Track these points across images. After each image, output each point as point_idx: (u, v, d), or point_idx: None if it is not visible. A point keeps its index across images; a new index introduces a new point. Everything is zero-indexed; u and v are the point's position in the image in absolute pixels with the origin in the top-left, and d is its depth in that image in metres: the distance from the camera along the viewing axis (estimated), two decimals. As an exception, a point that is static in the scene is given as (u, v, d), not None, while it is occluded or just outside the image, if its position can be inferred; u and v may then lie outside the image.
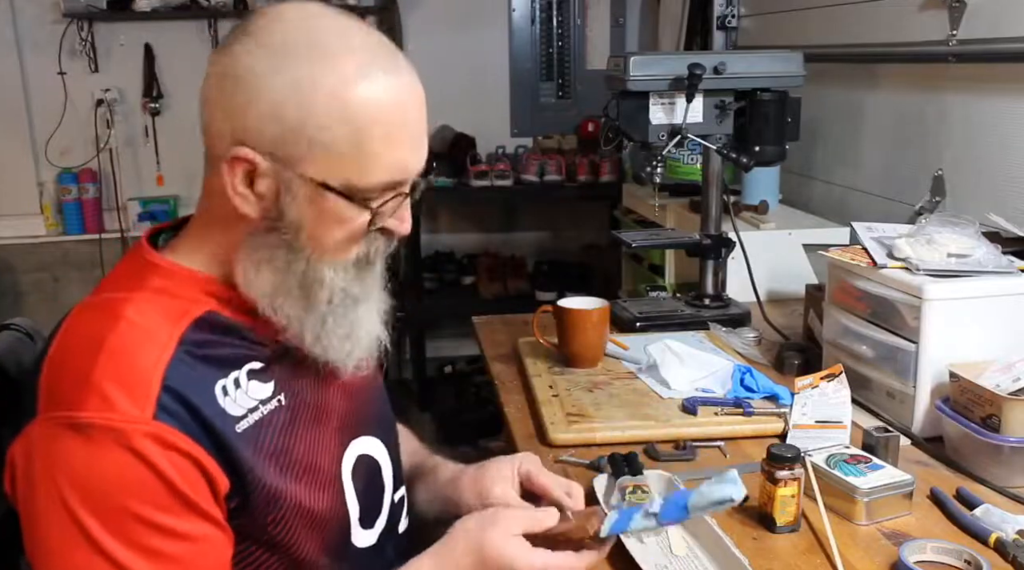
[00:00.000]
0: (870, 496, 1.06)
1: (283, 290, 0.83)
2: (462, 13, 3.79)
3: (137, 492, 0.73)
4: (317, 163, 0.79)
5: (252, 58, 0.78)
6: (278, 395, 0.85)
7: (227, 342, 0.83)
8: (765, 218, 2.14)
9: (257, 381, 0.84)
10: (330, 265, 0.84)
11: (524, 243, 4.04)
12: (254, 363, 0.84)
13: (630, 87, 1.62)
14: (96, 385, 0.74)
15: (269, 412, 0.84)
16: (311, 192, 0.80)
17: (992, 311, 1.25)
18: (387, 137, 0.80)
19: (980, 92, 1.79)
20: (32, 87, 3.60)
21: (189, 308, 0.81)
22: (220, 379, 0.81)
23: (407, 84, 0.82)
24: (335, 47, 0.79)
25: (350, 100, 0.78)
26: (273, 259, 0.82)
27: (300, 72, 0.77)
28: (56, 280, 3.74)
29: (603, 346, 1.57)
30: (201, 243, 0.86)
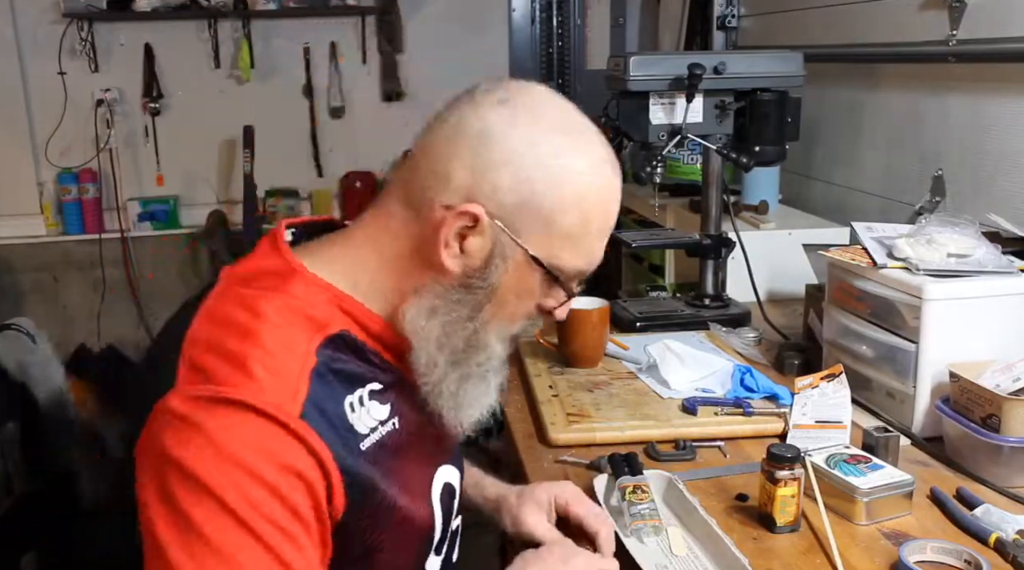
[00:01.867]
0: (870, 496, 1.06)
1: (447, 344, 0.84)
2: (462, 13, 3.79)
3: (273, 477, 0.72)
4: (541, 239, 0.82)
5: (511, 128, 0.81)
6: (393, 417, 0.86)
7: (354, 363, 0.83)
8: (765, 218, 2.14)
9: (377, 402, 0.84)
10: (498, 333, 0.87)
11: (524, 243, 4.04)
12: (375, 384, 0.85)
13: (630, 87, 1.62)
14: (251, 370, 0.74)
15: (386, 433, 0.84)
16: (521, 261, 0.83)
17: (992, 311, 1.25)
18: (600, 231, 0.86)
19: (980, 92, 1.79)
20: (32, 87, 3.60)
21: (327, 323, 0.81)
22: (348, 396, 0.81)
23: (619, 186, 0.87)
24: (584, 137, 0.84)
25: (589, 188, 0.83)
26: (450, 313, 0.84)
27: (554, 150, 0.81)
28: (56, 280, 3.75)
29: (603, 346, 1.57)
30: (354, 267, 0.86)
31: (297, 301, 0.81)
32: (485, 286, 0.83)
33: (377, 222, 0.87)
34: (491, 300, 0.84)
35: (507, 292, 0.84)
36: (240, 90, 3.74)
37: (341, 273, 0.85)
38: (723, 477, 1.19)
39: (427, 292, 0.84)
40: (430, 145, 0.84)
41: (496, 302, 0.84)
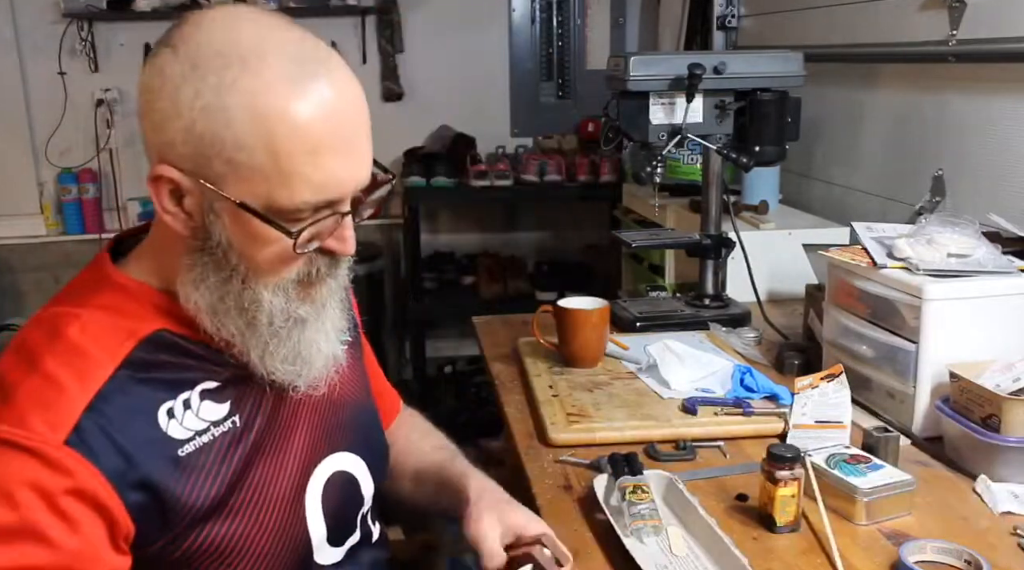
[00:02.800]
0: (870, 496, 1.06)
1: (222, 309, 0.79)
2: (462, 13, 3.79)
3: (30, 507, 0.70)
4: (237, 183, 0.74)
5: (170, 69, 0.73)
6: (233, 416, 0.83)
7: (178, 362, 0.80)
8: (765, 218, 2.14)
9: (211, 401, 0.81)
10: (267, 286, 0.79)
11: (524, 243, 4.04)
12: (208, 383, 0.82)
13: (630, 87, 1.62)
14: (17, 403, 0.73)
15: (221, 434, 0.82)
16: (233, 212, 0.75)
17: (992, 311, 1.25)
18: (312, 154, 0.73)
19: (980, 92, 1.79)
20: (32, 87, 3.60)
21: (138, 327, 0.79)
22: (167, 401, 0.79)
23: (337, 93, 0.75)
24: (251, 57, 0.72)
25: (267, 115, 0.71)
26: (207, 278, 0.79)
27: (213, 86, 0.72)
28: (56, 280, 3.74)
29: (603, 346, 1.57)
30: (153, 258, 0.84)
31: (105, 311, 0.79)
32: (217, 243, 0.77)
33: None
34: (232, 253, 0.77)
35: (244, 244, 0.77)
36: (240, 90, 3.73)
37: (149, 271, 0.83)
38: (723, 477, 1.19)
39: (182, 267, 0.79)
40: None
41: (240, 255, 0.77)
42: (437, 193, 3.53)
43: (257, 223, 0.75)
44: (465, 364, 3.81)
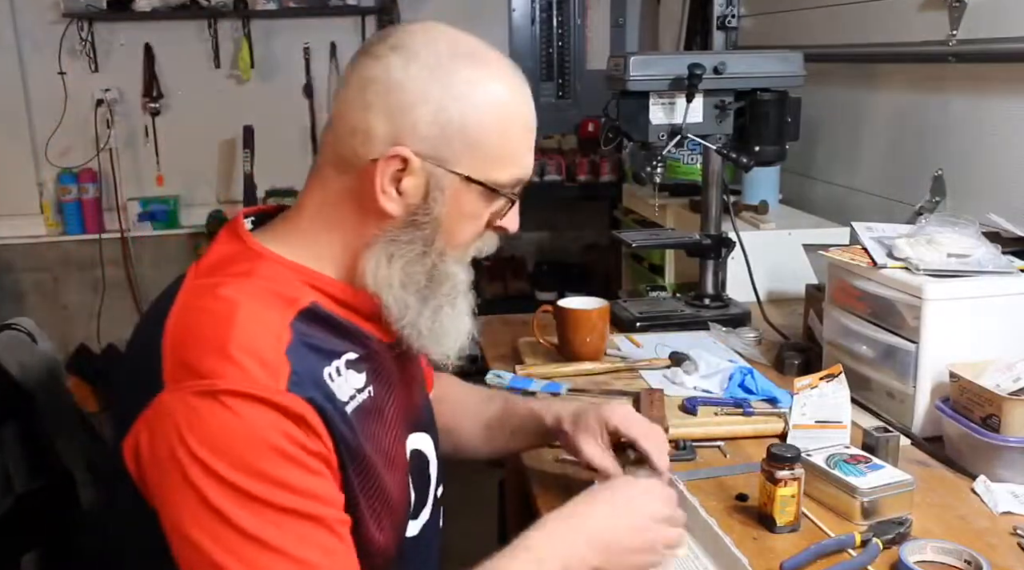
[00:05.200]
0: (870, 496, 1.06)
1: (411, 282, 0.88)
2: (462, 13, 3.78)
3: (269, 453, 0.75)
4: (471, 161, 0.85)
5: (410, 69, 0.84)
6: (369, 386, 0.88)
7: (327, 335, 0.86)
8: (765, 218, 2.14)
9: (354, 371, 0.87)
10: (456, 260, 0.90)
11: (524, 243, 4.04)
12: (350, 354, 0.87)
13: (630, 87, 1.62)
14: (234, 358, 0.76)
15: (364, 400, 0.87)
16: (458, 188, 0.86)
17: (992, 311, 1.25)
18: (523, 138, 0.89)
19: (980, 92, 1.79)
20: (32, 87, 3.60)
21: (295, 298, 0.84)
22: (326, 366, 0.84)
23: (529, 92, 0.90)
24: (483, 59, 0.87)
25: (502, 104, 0.86)
26: (405, 254, 0.87)
27: (463, 76, 0.84)
28: (56, 280, 3.75)
29: (603, 346, 1.57)
30: (309, 240, 0.89)
31: (265, 282, 0.84)
32: (430, 219, 0.86)
33: (317, 192, 0.90)
34: (439, 230, 0.87)
35: (453, 219, 0.87)
36: (240, 90, 3.74)
37: (300, 249, 0.88)
38: (723, 477, 1.19)
39: (378, 242, 0.87)
40: (343, 106, 0.87)
41: (445, 231, 0.88)
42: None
43: (473, 197, 0.87)
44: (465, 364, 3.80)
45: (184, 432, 0.75)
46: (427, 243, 0.87)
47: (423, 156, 0.84)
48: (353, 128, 0.85)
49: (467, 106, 0.84)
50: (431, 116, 0.83)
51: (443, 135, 0.84)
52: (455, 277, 0.90)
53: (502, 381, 1.46)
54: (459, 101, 0.84)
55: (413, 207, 0.86)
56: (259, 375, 0.76)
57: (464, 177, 0.86)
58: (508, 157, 0.88)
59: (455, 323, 0.92)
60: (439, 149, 0.84)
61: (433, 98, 0.83)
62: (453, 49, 0.86)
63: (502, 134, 0.86)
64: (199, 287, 0.84)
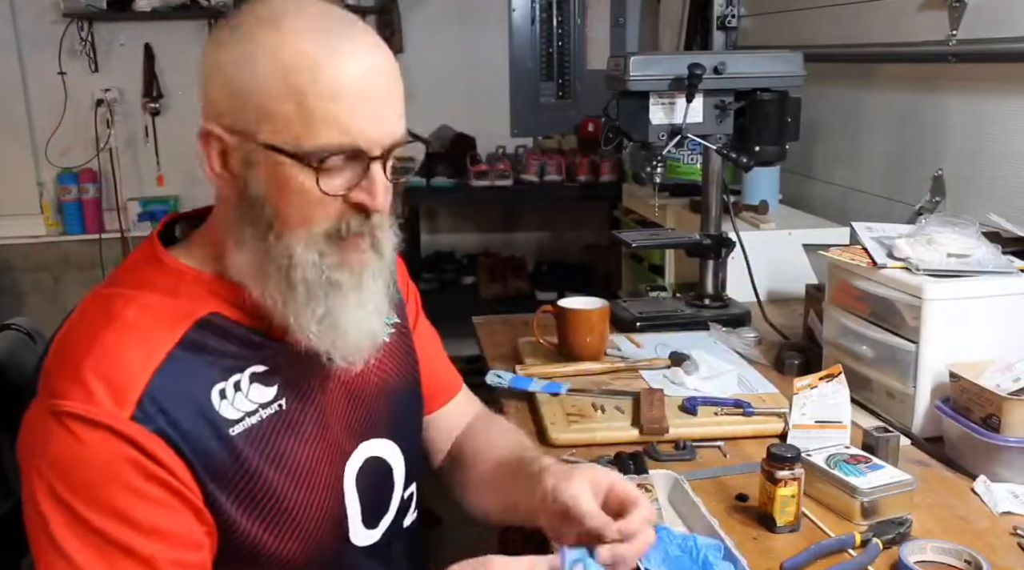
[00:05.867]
0: (870, 496, 1.06)
1: (262, 271, 0.83)
2: (462, 13, 3.79)
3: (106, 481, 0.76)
4: (268, 129, 0.79)
5: (218, 40, 0.82)
6: (280, 399, 0.86)
7: (229, 345, 0.84)
8: (765, 218, 2.14)
9: (260, 384, 0.85)
10: (298, 239, 0.81)
11: (524, 243, 4.04)
12: (257, 366, 0.85)
13: (630, 87, 1.62)
14: (83, 378, 0.76)
15: (268, 416, 0.85)
16: (266, 159, 0.80)
17: (992, 311, 1.25)
18: (334, 99, 0.78)
19: (980, 92, 1.79)
20: (32, 87, 3.60)
21: (192, 310, 0.82)
22: (219, 382, 0.82)
23: (361, 48, 0.80)
24: (283, 18, 0.80)
25: (289, 62, 0.78)
26: (247, 237, 0.83)
27: (248, 43, 0.79)
28: (56, 280, 3.74)
29: (603, 346, 1.57)
30: (208, 243, 0.88)
31: (159, 294, 0.83)
32: (255, 197, 0.81)
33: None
34: (266, 208, 0.81)
35: (279, 195, 0.80)
36: (240, 90, 3.73)
37: (207, 255, 0.87)
38: (723, 477, 1.19)
39: (229, 229, 0.84)
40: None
41: (276, 209, 0.81)
42: (437, 193, 3.53)
43: (286, 167, 0.79)
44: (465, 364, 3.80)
45: (33, 449, 0.78)
46: (260, 223, 0.82)
47: (228, 130, 0.80)
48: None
49: (252, 70, 0.78)
50: (223, 86, 0.80)
51: (237, 105, 0.79)
52: (305, 261, 0.81)
53: (502, 381, 1.46)
54: (243, 66, 0.79)
55: (240, 186, 0.82)
56: (104, 401, 0.76)
57: (267, 146, 0.79)
58: (315, 121, 0.78)
59: (333, 318, 0.84)
60: (238, 120, 0.80)
61: (224, 67, 0.80)
62: (264, 12, 0.81)
63: (298, 99, 0.77)
64: (95, 296, 0.85)
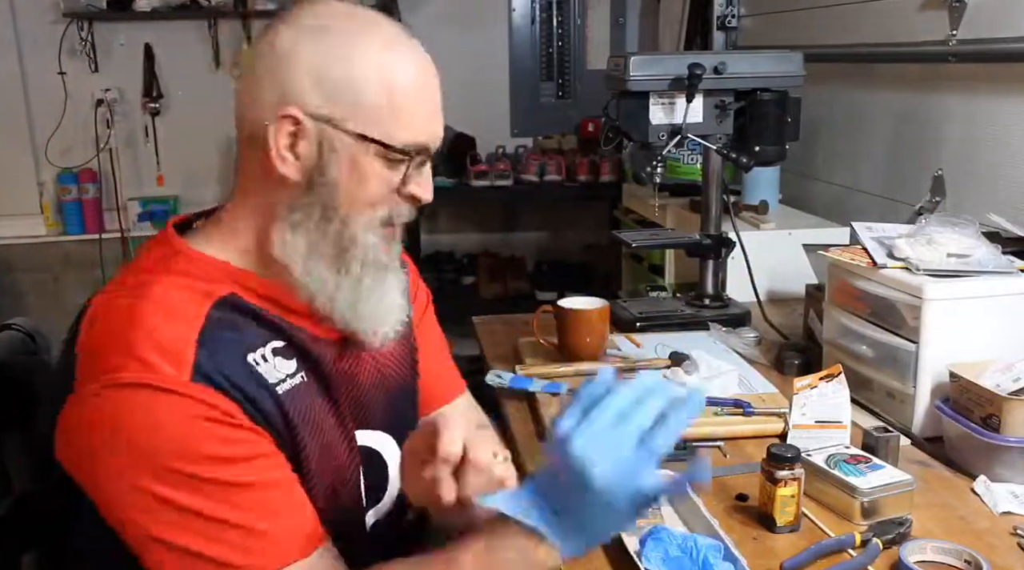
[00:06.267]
0: (870, 496, 1.06)
1: (318, 250, 0.87)
2: (462, 13, 3.79)
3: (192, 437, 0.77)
4: (359, 119, 0.85)
5: (293, 36, 0.86)
6: (300, 372, 0.89)
7: (247, 324, 0.86)
8: (765, 218, 2.14)
9: (281, 358, 0.88)
10: (361, 224, 0.88)
11: (524, 243, 4.04)
12: (276, 342, 0.88)
13: (630, 87, 1.62)
14: (136, 353, 0.78)
15: (295, 385, 0.88)
16: (352, 146, 0.85)
17: (992, 311, 1.25)
18: (418, 101, 0.87)
19: (980, 92, 1.79)
20: (32, 87, 3.60)
21: (211, 290, 0.85)
22: (250, 353, 0.85)
23: (426, 57, 0.90)
24: (369, 21, 0.88)
25: (388, 62, 0.86)
26: (309, 219, 0.87)
27: (342, 39, 0.85)
28: (56, 280, 3.74)
29: (603, 346, 1.57)
30: (227, 232, 0.91)
31: (179, 277, 0.86)
32: (327, 181, 0.86)
33: (236, 178, 0.93)
34: (338, 193, 0.86)
35: (352, 181, 0.86)
36: (240, 90, 3.73)
37: (224, 245, 0.90)
38: (723, 477, 1.19)
39: (281, 212, 0.88)
40: (243, 87, 0.89)
41: (345, 193, 0.87)
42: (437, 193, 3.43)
43: (370, 159, 0.86)
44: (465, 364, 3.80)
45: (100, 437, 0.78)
46: (328, 207, 0.87)
47: (313, 116, 0.85)
48: (249, 101, 0.88)
49: (349, 65, 0.84)
50: (315, 76, 0.84)
51: (330, 95, 0.84)
52: (366, 243, 0.89)
53: (502, 381, 1.46)
54: (340, 60, 0.84)
55: (310, 170, 0.86)
56: (163, 367, 0.78)
57: (356, 134, 0.85)
58: (401, 117, 0.86)
59: (380, 298, 0.91)
60: (328, 108, 0.85)
61: (317, 59, 0.85)
62: (339, 15, 0.87)
63: (389, 94, 0.85)
64: (116, 285, 0.87)
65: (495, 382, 1.47)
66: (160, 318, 0.81)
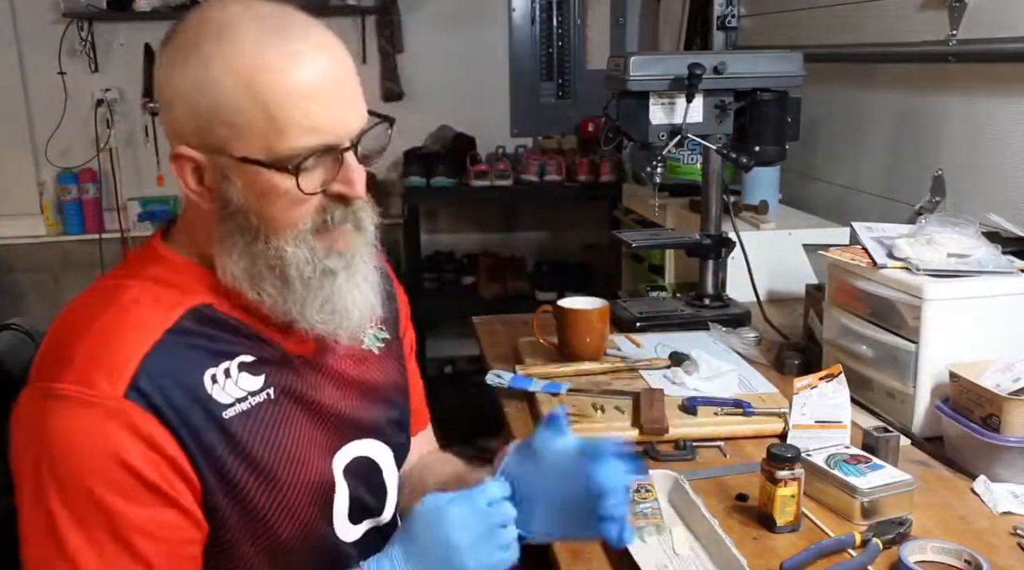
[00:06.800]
0: (870, 496, 1.06)
1: (256, 273, 0.85)
2: (462, 13, 3.79)
3: (100, 469, 0.77)
4: (239, 143, 0.80)
5: (168, 62, 0.83)
6: (267, 389, 0.88)
7: (219, 334, 0.86)
8: (765, 218, 2.14)
9: (247, 373, 0.86)
10: (287, 240, 0.84)
11: (524, 243, 4.03)
12: (245, 356, 0.87)
13: (630, 87, 1.62)
14: (77, 362, 0.78)
15: (257, 404, 0.87)
16: (242, 171, 0.82)
17: (992, 311, 1.26)
18: (298, 101, 0.79)
19: (980, 92, 1.79)
20: (32, 87, 3.60)
21: (184, 299, 0.85)
22: (210, 367, 0.83)
23: (314, 46, 0.81)
24: (226, 28, 0.80)
25: (251, 74, 0.79)
26: (236, 245, 0.85)
27: (203, 61, 0.80)
28: (56, 280, 3.74)
29: (603, 346, 1.57)
30: (189, 237, 0.90)
31: (154, 283, 0.85)
32: (237, 208, 0.83)
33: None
34: (253, 215, 0.83)
35: (260, 202, 0.83)
36: (240, 90, 3.73)
37: (191, 248, 0.89)
38: (723, 477, 1.19)
39: (216, 238, 0.86)
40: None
41: (257, 215, 0.83)
42: (437, 193, 3.53)
43: (264, 176, 0.81)
44: (465, 364, 3.81)
45: (28, 433, 0.78)
46: (247, 230, 0.84)
47: (199, 149, 0.82)
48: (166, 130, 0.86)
49: (213, 89, 0.79)
50: (187, 110, 0.81)
51: (204, 125, 0.81)
52: (297, 257, 0.84)
53: (502, 381, 1.46)
54: (202, 85, 0.80)
55: (220, 199, 0.84)
56: (98, 381, 0.77)
57: (240, 159, 0.81)
58: (285, 126, 0.79)
59: (334, 304, 0.87)
60: (207, 138, 0.81)
61: (182, 90, 0.81)
62: (204, 26, 0.82)
63: (262, 107, 0.79)
64: (92, 287, 0.87)
65: (495, 382, 1.47)
66: (115, 327, 0.80)
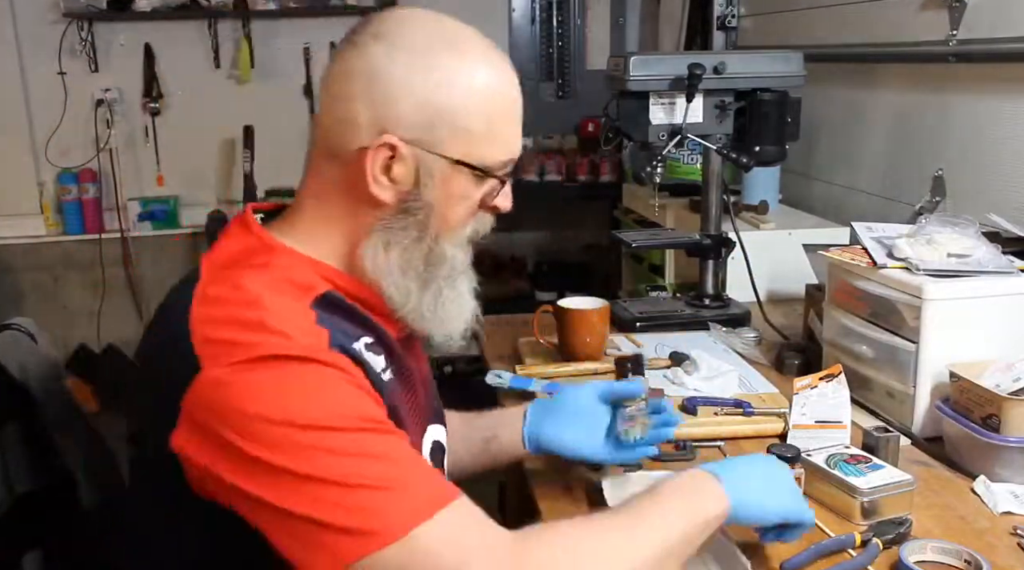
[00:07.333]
0: (870, 496, 1.06)
1: (410, 268, 0.90)
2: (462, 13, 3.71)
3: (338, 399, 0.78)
4: (457, 144, 0.87)
5: (392, 58, 0.86)
6: (389, 368, 0.90)
7: (345, 319, 0.88)
8: (765, 218, 2.14)
9: (373, 353, 0.89)
10: (452, 242, 0.92)
11: (524, 243, 4.04)
12: (367, 338, 0.89)
13: (630, 87, 1.62)
14: (269, 327, 0.78)
15: (389, 379, 0.89)
16: (448, 171, 0.88)
17: (992, 311, 1.25)
18: (509, 119, 0.91)
19: (980, 92, 1.79)
20: (32, 87, 3.60)
21: (313, 286, 0.87)
22: (354, 341, 0.86)
23: (511, 72, 0.93)
24: (465, 45, 0.89)
25: (488, 88, 0.88)
26: (403, 239, 0.89)
27: (444, 68, 0.86)
28: (56, 280, 3.75)
29: (603, 346, 1.57)
30: (311, 234, 0.91)
31: (281, 272, 0.86)
32: (422, 205, 0.88)
33: (312, 185, 0.92)
34: (433, 215, 0.89)
35: (445, 203, 0.89)
36: (240, 90, 3.74)
37: (305, 243, 0.90)
38: (723, 477, 1.19)
39: (374, 230, 0.89)
40: (329, 97, 0.89)
41: (438, 215, 0.89)
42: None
43: (465, 180, 0.89)
44: (465, 364, 3.81)
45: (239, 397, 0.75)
46: (422, 228, 0.89)
47: (411, 143, 0.86)
48: (340, 118, 0.87)
49: (451, 93, 0.86)
50: (416, 104, 0.85)
51: (429, 122, 0.86)
52: (453, 259, 0.92)
53: (502, 381, 1.46)
54: (442, 88, 0.86)
55: (405, 194, 0.88)
56: (301, 338, 0.79)
57: (453, 161, 0.87)
58: (495, 139, 0.89)
59: (457, 305, 0.95)
60: (426, 135, 0.86)
61: (416, 87, 0.85)
62: (433, 35, 0.88)
63: (488, 118, 0.88)
64: (218, 278, 0.85)
65: (495, 382, 1.47)
66: (277, 303, 0.81)
